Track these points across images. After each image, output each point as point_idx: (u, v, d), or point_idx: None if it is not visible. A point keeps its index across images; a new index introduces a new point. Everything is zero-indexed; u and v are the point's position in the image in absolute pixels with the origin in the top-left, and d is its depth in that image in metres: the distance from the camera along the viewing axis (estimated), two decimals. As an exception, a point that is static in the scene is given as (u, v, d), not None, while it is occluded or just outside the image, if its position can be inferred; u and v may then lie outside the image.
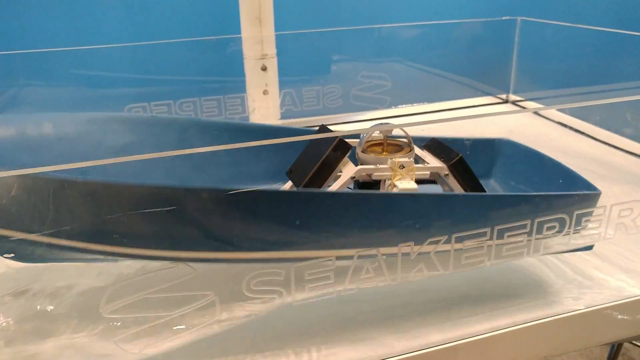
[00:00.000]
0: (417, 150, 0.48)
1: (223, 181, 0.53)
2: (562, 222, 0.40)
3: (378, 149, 0.47)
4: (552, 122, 0.86)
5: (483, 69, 1.00)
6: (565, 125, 0.84)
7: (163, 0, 0.92)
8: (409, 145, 0.47)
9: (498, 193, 0.52)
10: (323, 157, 0.44)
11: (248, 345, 0.38)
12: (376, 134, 0.48)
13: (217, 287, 0.35)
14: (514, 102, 0.99)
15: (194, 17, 0.93)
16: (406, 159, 0.45)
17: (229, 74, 0.87)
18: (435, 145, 0.48)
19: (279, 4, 0.82)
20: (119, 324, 0.36)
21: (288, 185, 0.49)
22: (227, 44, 0.86)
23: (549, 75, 0.98)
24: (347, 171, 0.45)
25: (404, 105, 0.92)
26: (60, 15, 0.89)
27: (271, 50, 0.84)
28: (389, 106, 0.91)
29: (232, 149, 0.52)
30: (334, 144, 0.45)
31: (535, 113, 0.91)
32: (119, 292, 0.33)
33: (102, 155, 0.49)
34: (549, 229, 0.40)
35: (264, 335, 0.39)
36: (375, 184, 0.47)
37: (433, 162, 0.46)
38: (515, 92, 1.01)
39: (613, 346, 1.16)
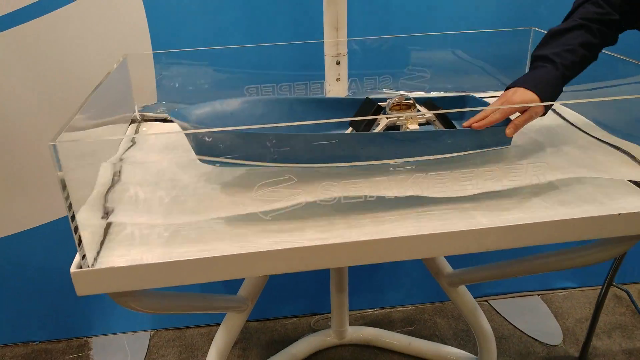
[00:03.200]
0: (419, 107, 0.84)
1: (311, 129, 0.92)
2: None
3: (397, 107, 0.84)
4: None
5: (501, 68, 1.31)
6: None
7: (269, 13, 1.31)
8: (414, 105, 0.83)
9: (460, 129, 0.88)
10: (369, 115, 0.82)
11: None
12: (396, 99, 0.84)
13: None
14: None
15: (290, 26, 1.32)
16: (413, 113, 0.81)
17: (313, 67, 1.24)
18: (429, 104, 0.85)
19: (350, 17, 1.18)
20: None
21: (349, 131, 0.87)
22: (313, 46, 1.24)
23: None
24: (382, 121, 0.82)
25: (436, 92, 1.25)
26: (203, 27, 1.31)
27: (344, 50, 1.19)
28: (428, 91, 1.25)
29: (314, 111, 0.93)
30: (374, 107, 0.82)
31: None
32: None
33: (254, 119, 0.93)
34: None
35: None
36: (397, 127, 0.83)
37: (427, 113, 0.82)
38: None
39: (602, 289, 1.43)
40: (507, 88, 0.86)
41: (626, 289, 1.72)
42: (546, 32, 1.00)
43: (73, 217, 0.68)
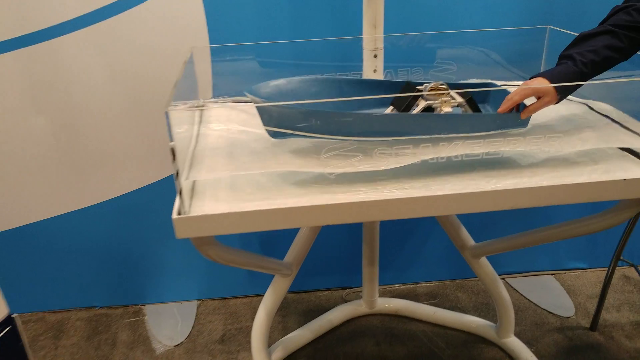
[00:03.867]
0: (452, 93, 1.00)
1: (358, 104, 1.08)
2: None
3: (433, 92, 1.00)
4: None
5: (519, 62, 1.46)
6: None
7: (314, 13, 1.48)
8: (447, 90, 0.99)
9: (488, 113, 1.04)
10: (410, 98, 0.98)
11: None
12: (432, 85, 1.00)
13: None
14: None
15: (332, 23, 1.49)
16: (447, 98, 0.97)
17: (353, 59, 1.40)
18: (460, 91, 1.01)
19: (387, 15, 1.34)
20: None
21: (389, 110, 1.03)
22: (353, 41, 1.40)
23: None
24: (421, 103, 0.98)
25: (462, 80, 1.41)
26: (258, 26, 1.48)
27: (380, 44, 1.35)
28: (454, 82, 1.41)
29: (359, 91, 1.09)
30: (414, 94, 0.98)
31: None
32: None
33: (309, 96, 1.09)
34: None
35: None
36: (433, 109, 0.99)
37: (458, 98, 0.98)
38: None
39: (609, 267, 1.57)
40: (530, 78, 1.01)
41: (634, 264, 1.85)
42: (562, 30, 1.14)
43: (177, 174, 0.85)
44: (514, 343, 1.57)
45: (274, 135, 0.98)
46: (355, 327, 1.67)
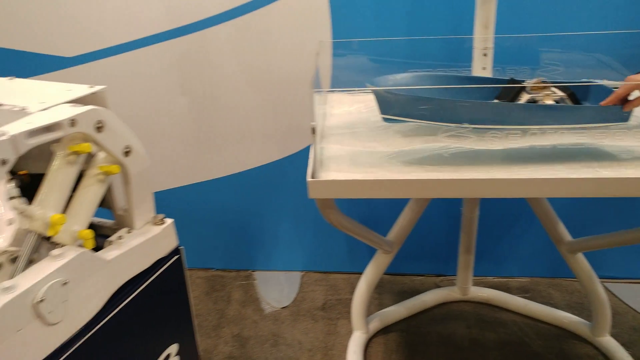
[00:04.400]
0: (553, 88, 1.08)
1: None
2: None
3: (536, 87, 1.08)
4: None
5: (631, 67, 1.48)
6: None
7: (429, 11, 1.60)
8: (549, 85, 1.07)
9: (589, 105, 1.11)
10: (515, 91, 1.08)
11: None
12: (534, 80, 1.09)
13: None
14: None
15: (447, 22, 1.60)
16: (549, 92, 1.05)
17: (463, 57, 1.50)
18: (562, 86, 1.08)
19: (499, 16, 1.43)
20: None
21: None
22: (465, 40, 1.50)
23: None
24: (524, 97, 1.07)
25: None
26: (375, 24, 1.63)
27: (490, 44, 1.44)
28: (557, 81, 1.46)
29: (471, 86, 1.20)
30: (519, 85, 1.08)
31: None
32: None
33: (422, 90, 1.21)
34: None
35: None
36: (536, 102, 1.08)
37: (560, 93, 1.06)
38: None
39: None
40: (636, 73, 1.06)
41: None
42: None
43: (315, 146, 1.02)
44: (610, 342, 1.58)
45: (387, 121, 1.12)
46: (448, 311, 1.76)
